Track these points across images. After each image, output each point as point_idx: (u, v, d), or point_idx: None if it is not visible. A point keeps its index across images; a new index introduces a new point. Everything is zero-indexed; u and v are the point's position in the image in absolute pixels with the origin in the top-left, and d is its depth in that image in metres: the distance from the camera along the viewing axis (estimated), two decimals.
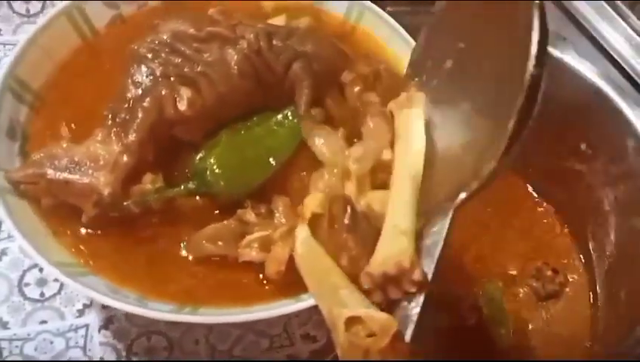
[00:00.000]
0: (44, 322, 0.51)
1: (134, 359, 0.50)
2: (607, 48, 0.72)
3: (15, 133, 0.47)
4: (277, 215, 0.45)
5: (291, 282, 0.43)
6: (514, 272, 0.75)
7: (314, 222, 0.42)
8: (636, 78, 0.70)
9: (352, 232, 0.39)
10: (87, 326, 0.51)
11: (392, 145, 0.46)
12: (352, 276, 0.39)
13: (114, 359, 0.50)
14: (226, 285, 0.44)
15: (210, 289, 0.44)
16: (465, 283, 0.75)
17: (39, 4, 0.64)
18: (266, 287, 0.44)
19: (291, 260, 0.43)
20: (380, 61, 0.50)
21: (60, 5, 0.51)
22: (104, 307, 0.51)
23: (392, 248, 0.39)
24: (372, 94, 0.47)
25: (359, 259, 0.39)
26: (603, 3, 0.74)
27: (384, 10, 0.72)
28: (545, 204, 0.78)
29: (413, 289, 0.37)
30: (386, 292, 0.38)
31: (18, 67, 0.48)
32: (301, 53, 0.48)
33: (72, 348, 0.50)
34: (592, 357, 0.65)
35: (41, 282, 0.53)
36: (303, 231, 0.42)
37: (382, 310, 0.38)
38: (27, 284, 0.52)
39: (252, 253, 0.44)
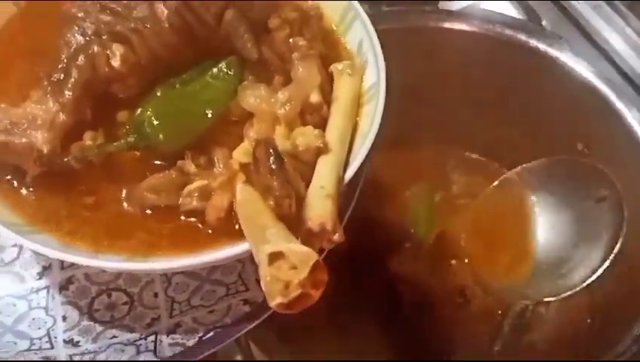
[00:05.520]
0: None
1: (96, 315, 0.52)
2: (605, 47, 0.73)
3: None
4: (216, 165, 0.46)
5: (237, 230, 0.44)
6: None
7: (248, 170, 0.44)
8: (633, 77, 0.71)
9: (275, 174, 0.40)
10: (47, 287, 0.53)
11: (321, 87, 0.48)
12: (280, 216, 0.41)
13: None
14: (172, 235, 0.45)
15: (158, 240, 0.45)
16: None
17: None
18: (212, 235, 0.45)
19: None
20: (309, 7, 0.50)
21: None
22: (62, 269, 0.53)
23: (318, 209, 0.42)
24: (299, 39, 0.48)
25: (284, 199, 0.40)
26: (601, 2, 0.74)
27: (380, 9, 0.72)
28: None
29: (329, 247, 0.41)
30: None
31: None
32: (232, 3, 0.49)
33: (34, 309, 0.52)
34: (589, 357, 0.66)
35: None
36: (241, 180, 0.44)
37: None
38: None
39: (193, 203, 0.45)
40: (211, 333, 0.49)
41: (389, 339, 0.72)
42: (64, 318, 0.51)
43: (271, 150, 0.41)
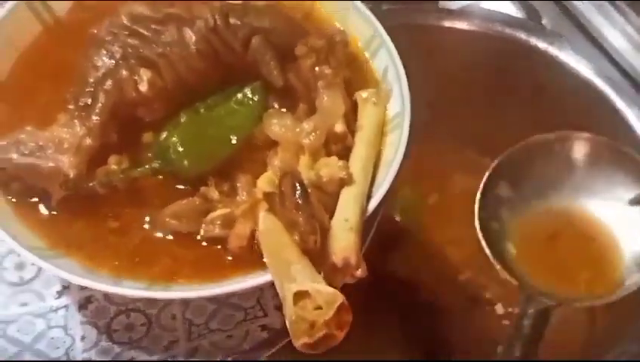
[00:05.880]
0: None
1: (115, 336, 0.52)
2: (605, 45, 0.72)
3: None
4: (239, 192, 0.46)
5: (258, 258, 0.44)
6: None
7: (272, 200, 0.44)
8: (634, 75, 0.70)
9: (301, 209, 0.40)
10: (67, 306, 0.53)
11: (346, 117, 0.48)
12: (305, 251, 0.40)
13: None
14: (194, 262, 0.45)
15: (179, 267, 0.45)
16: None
17: None
18: (233, 263, 0.45)
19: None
20: (335, 33, 0.50)
21: None
22: (81, 288, 0.53)
23: (342, 242, 0.42)
24: (325, 67, 0.48)
25: (309, 236, 0.40)
26: (602, 1, 0.73)
27: (380, 8, 0.72)
28: None
29: (351, 281, 0.41)
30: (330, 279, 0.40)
31: None
32: (259, 29, 0.49)
33: (53, 327, 0.52)
34: (589, 356, 0.66)
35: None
36: (264, 208, 0.44)
37: None
38: None
39: (215, 230, 0.45)
40: (229, 359, 0.49)
41: (390, 339, 0.72)
42: (83, 338, 0.51)
43: (297, 184, 0.41)
